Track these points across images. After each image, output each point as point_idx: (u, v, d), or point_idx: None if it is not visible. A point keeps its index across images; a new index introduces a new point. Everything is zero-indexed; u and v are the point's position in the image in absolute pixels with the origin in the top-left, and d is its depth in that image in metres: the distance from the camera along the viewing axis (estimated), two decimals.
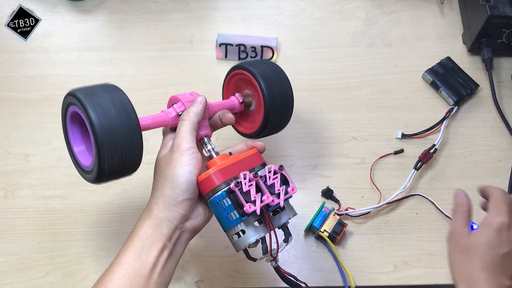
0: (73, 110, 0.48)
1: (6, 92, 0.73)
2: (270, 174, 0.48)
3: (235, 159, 0.49)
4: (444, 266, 0.64)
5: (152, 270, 0.45)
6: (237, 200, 0.46)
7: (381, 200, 0.67)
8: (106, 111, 0.45)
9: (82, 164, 0.50)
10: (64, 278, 0.63)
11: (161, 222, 0.47)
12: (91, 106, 0.45)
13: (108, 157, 0.45)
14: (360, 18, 0.80)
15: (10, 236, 0.65)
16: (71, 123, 0.51)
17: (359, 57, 0.77)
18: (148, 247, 0.46)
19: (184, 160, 0.47)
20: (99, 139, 0.45)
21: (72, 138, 0.52)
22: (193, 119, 0.50)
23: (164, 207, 0.47)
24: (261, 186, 0.47)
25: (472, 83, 0.74)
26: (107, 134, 0.45)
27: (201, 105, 0.52)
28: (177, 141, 0.49)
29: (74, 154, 0.51)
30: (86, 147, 0.51)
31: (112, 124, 0.45)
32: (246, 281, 0.63)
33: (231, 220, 0.47)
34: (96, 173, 0.47)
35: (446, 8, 0.81)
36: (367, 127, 0.72)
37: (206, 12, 0.80)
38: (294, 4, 0.81)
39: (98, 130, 0.44)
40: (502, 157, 0.71)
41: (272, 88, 0.56)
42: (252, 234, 0.47)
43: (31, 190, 0.67)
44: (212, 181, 0.47)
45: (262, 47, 0.75)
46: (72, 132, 0.51)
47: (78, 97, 0.46)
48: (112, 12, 0.79)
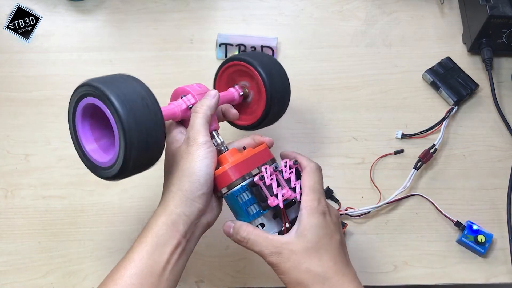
0: (88, 103, 0.45)
1: (6, 92, 0.73)
2: (286, 168, 0.49)
3: (248, 154, 0.49)
4: (444, 266, 0.64)
5: (164, 267, 0.45)
6: (260, 194, 0.47)
7: (381, 200, 0.67)
8: (130, 101, 0.43)
9: (96, 161, 0.47)
10: (64, 278, 0.63)
11: (177, 218, 0.46)
12: (116, 96, 0.42)
13: (134, 151, 0.43)
14: (360, 18, 0.80)
15: (10, 236, 0.65)
16: (82, 118, 0.47)
17: (359, 57, 0.77)
18: (162, 244, 0.45)
19: (202, 153, 0.47)
20: (127, 132, 0.42)
21: (82, 135, 0.48)
22: (207, 112, 0.49)
23: (182, 201, 0.46)
24: (280, 181, 0.48)
25: (472, 83, 0.74)
26: (135, 126, 0.42)
27: (214, 99, 0.51)
28: (192, 135, 0.48)
29: (86, 153, 0.48)
30: (100, 143, 0.48)
31: (138, 115, 0.43)
32: (246, 281, 0.63)
33: (251, 213, 0.48)
34: (119, 167, 0.44)
35: (446, 8, 0.81)
36: (367, 127, 0.72)
37: (206, 12, 0.80)
38: (294, 4, 0.81)
39: (125, 122, 0.42)
40: (502, 157, 0.71)
41: (272, 77, 0.56)
42: (270, 227, 0.48)
43: (31, 190, 0.67)
44: (228, 176, 0.47)
45: (262, 47, 0.75)
46: (83, 128, 0.48)
47: (98, 87, 0.43)
48: (112, 12, 0.79)
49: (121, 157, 0.43)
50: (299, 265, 0.45)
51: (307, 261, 0.45)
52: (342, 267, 0.46)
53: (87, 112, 0.47)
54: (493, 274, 0.64)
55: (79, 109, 0.46)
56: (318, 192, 0.48)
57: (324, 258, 0.45)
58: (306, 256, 0.45)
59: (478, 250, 0.63)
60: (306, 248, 0.45)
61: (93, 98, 0.44)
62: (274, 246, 0.46)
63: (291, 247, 0.45)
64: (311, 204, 0.47)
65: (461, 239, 0.64)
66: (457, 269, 0.64)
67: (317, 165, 0.50)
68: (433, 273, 0.64)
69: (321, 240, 0.46)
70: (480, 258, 0.65)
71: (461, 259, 0.65)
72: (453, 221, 0.65)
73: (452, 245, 0.65)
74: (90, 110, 0.47)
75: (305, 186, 0.48)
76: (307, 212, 0.46)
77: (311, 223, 0.46)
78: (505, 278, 0.64)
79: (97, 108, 0.44)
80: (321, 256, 0.45)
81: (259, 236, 0.46)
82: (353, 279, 0.46)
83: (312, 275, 0.45)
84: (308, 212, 0.46)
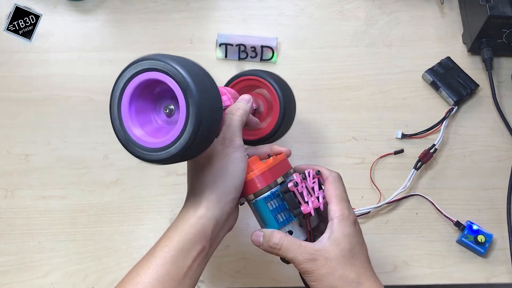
0: (145, 79, 0.42)
1: (6, 92, 0.73)
2: (310, 178, 0.49)
3: (273, 162, 0.49)
4: (444, 266, 0.64)
5: (186, 273, 0.44)
6: (293, 200, 0.47)
7: (381, 200, 0.67)
8: (198, 76, 0.41)
9: (146, 143, 0.43)
10: (64, 278, 0.63)
11: (208, 222, 0.45)
12: (186, 71, 0.40)
13: (203, 128, 0.41)
14: (360, 18, 0.80)
15: (10, 236, 0.65)
16: (131, 98, 0.43)
17: (359, 57, 0.77)
18: (187, 249, 0.44)
19: (238, 156, 0.46)
20: (198, 109, 0.40)
21: (131, 118, 0.43)
22: (243, 116, 0.49)
23: (215, 204, 0.45)
24: (309, 189, 0.49)
25: (472, 83, 0.74)
26: (205, 102, 0.40)
27: (249, 104, 0.51)
28: (229, 135, 0.47)
29: (132, 136, 0.43)
30: (152, 127, 0.45)
31: (206, 91, 0.41)
32: (246, 281, 0.63)
33: (280, 220, 0.48)
34: (183, 143, 0.41)
35: (446, 8, 0.81)
36: (367, 127, 0.72)
37: (206, 12, 0.80)
38: (294, 4, 0.81)
39: (197, 98, 0.40)
40: (502, 157, 0.71)
41: (286, 95, 0.58)
42: (298, 235, 0.49)
43: (31, 190, 0.67)
44: (255, 183, 0.47)
45: (262, 47, 0.75)
46: (130, 109, 0.44)
47: (165, 60, 0.40)
48: (112, 12, 0.79)
49: (186, 135, 0.41)
50: (334, 271, 0.45)
51: (341, 268, 0.45)
52: (372, 273, 0.47)
53: (137, 92, 0.44)
54: (493, 274, 0.64)
55: (131, 87, 0.43)
56: (346, 201, 0.49)
57: (357, 264, 0.46)
58: (341, 263, 0.45)
59: (478, 250, 0.63)
60: (341, 255, 0.46)
61: (156, 73, 0.41)
62: (309, 253, 0.46)
63: (326, 254, 0.46)
64: (342, 213, 0.47)
65: (461, 239, 0.64)
66: (457, 269, 0.64)
67: (338, 174, 0.51)
68: (433, 273, 0.64)
69: (353, 248, 0.46)
70: (480, 258, 0.65)
71: (461, 259, 0.65)
72: (453, 221, 0.65)
73: (452, 245, 0.65)
74: (143, 90, 0.44)
75: (332, 195, 0.49)
76: (339, 221, 0.47)
77: (344, 232, 0.46)
78: (505, 278, 0.64)
79: (147, 88, 0.42)
80: (354, 263, 0.46)
81: (293, 243, 0.46)
82: (381, 286, 0.47)
83: (347, 281, 0.45)
84: (340, 221, 0.47)
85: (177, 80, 0.40)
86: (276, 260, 0.63)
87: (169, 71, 0.41)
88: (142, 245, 0.65)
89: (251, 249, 0.64)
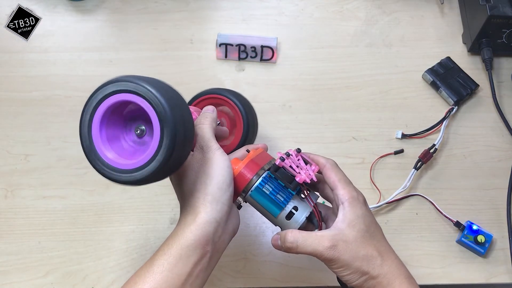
0: (115, 103, 0.42)
1: (6, 92, 0.73)
2: (293, 156, 0.50)
3: (254, 154, 0.51)
4: (444, 266, 0.64)
5: (185, 280, 0.43)
6: (286, 174, 0.48)
7: (380, 200, 0.67)
8: (170, 97, 0.41)
9: (119, 164, 0.43)
10: (64, 278, 0.63)
11: (208, 226, 0.44)
12: (158, 91, 0.40)
13: (178, 149, 0.41)
14: (360, 18, 0.80)
15: (10, 236, 0.65)
16: (101, 122, 0.43)
17: (359, 57, 0.77)
18: (186, 256, 0.43)
19: (220, 156, 0.47)
20: (173, 130, 0.40)
21: (102, 140, 0.43)
22: (212, 123, 0.50)
23: (212, 206, 0.44)
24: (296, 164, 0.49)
25: (472, 83, 0.74)
26: (180, 122, 0.40)
27: (214, 113, 0.52)
28: (205, 143, 0.47)
29: (104, 159, 0.43)
30: (115, 147, 0.45)
31: (180, 111, 0.41)
32: (246, 281, 0.63)
33: (281, 201, 0.48)
34: (156, 165, 0.41)
35: (446, 8, 0.81)
36: (367, 127, 0.72)
37: (206, 12, 0.80)
38: (294, 4, 0.81)
39: (171, 118, 0.40)
40: (502, 157, 0.71)
41: (248, 112, 0.61)
42: (304, 208, 0.49)
43: (31, 190, 0.67)
44: (244, 176, 0.49)
45: (262, 47, 0.75)
46: (101, 131, 0.43)
47: (137, 82, 0.40)
48: (112, 12, 0.79)
49: (160, 157, 0.41)
50: (357, 253, 0.45)
51: (363, 249, 0.46)
52: (392, 250, 0.48)
53: (107, 114, 0.43)
54: (493, 274, 0.64)
55: (101, 110, 0.43)
56: (351, 183, 0.50)
57: (376, 243, 0.47)
58: (361, 244, 0.46)
59: (478, 250, 0.63)
60: (359, 236, 0.46)
61: (128, 95, 0.41)
62: (328, 240, 0.45)
63: (344, 238, 0.46)
64: (351, 195, 0.48)
65: (461, 239, 0.64)
66: (457, 269, 0.64)
67: (334, 161, 0.52)
68: (433, 273, 0.64)
69: (369, 228, 0.47)
70: (480, 258, 0.65)
71: (461, 259, 0.65)
72: (453, 221, 0.65)
73: (452, 245, 0.65)
74: (114, 112, 0.44)
75: (336, 180, 0.49)
76: (349, 203, 0.47)
77: (357, 213, 0.47)
78: (505, 278, 0.64)
79: (116, 110, 0.42)
80: (373, 242, 0.47)
81: (308, 237, 0.46)
82: (401, 262, 0.48)
83: (371, 261, 0.46)
84: (350, 203, 0.47)
85: (150, 102, 0.40)
86: (276, 260, 0.64)
87: (142, 93, 0.40)
88: (142, 245, 0.65)
89: (251, 249, 0.64)
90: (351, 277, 0.46)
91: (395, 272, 0.46)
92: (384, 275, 0.45)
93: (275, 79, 0.75)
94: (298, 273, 0.63)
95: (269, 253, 0.64)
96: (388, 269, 0.46)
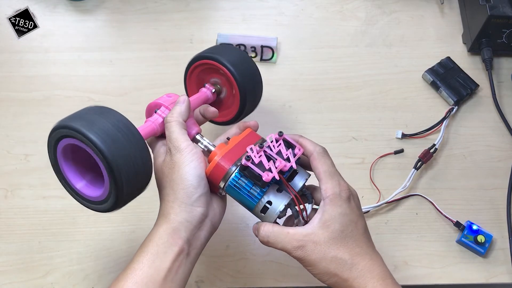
0: (66, 144, 0.45)
1: (6, 92, 0.73)
2: (273, 142, 0.49)
3: (234, 142, 0.50)
4: (444, 266, 0.64)
5: (166, 276, 0.44)
6: (253, 174, 0.46)
7: (380, 200, 0.67)
8: (107, 132, 0.43)
9: (89, 197, 0.48)
10: (64, 278, 0.63)
11: (179, 225, 0.45)
12: (91, 130, 0.42)
13: (125, 179, 0.43)
14: (360, 18, 0.80)
15: (10, 236, 0.65)
16: (64, 158, 0.47)
17: (359, 57, 0.77)
18: (163, 252, 0.44)
19: (187, 158, 0.47)
20: (112, 164, 0.42)
21: (69, 175, 0.48)
22: (178, 119, 0.49)
23: (181, 209, 0.46)
24: (270, 154, 0.48)
25: (472, 83, 0.74)
26: (118, 156, 0.43)
27: (184, 105, 0.51)
28: (172, 144, 0.48)
29: (77, 191, 0.48)
30: (88, 179, 0.49)
31: (119, 144, 0.43)
32: (246, 281, 0.63)
33: (254, 196, 0.47)
34: (113, 200, 0.45)
35: (446, 8, 0.81)
36: (367, 127, 0.72)
37: (206, 12, 0.80)
38: (294, 4, 0.81)
39: (108, 154, 0.42)
40: (502, 157, 0.71)
41: (240, 69, 0.56)
42: (279, 201, 0.48)
43: (31, 190, 0.67)
44: (221, 168, 0.47)
45: (262, 47, 0.75)
46: (68, 168, 0.48)
47: (72, 126, 0.43)
48: (112, 12, 0.79)
49: (112, 191, 0.44)
50: (325, 255, 0.44)
51: (333, 250, 0.44)
52: (369, 251, 0.46)
53: (69, 151, 0.47)
54: (493, 274, 0.64)
55: (59, 150, 0.46)
56: (336, 175, 0.47)
57: (350, 244, 0.45)
58: (332, 246, 0.44)
59: (478, 250, 0.63)
60: (331, 237, 0.44)
61: (71, 139, 0.44)
62: (297, 240, 0.45)
63: (315, 238, 0.45)
64: (333, 191, 0.46)
65: (461, 239, 0.64)
66: (457, 269, 0.64)
67: (323, 148, 0.50)
68: (433, 273, 0.64)
69: (346, 229, 0.45)
70: (480, 258, 0.65)
71: (461, 259, 0.65)
72: (452, 221, 0.65)
73: (452, 245, 0.65)
74: (71, 149, 0.46)
75: (320, 172, 0.47)
76: (330, 201, 0.45)
77: (335, 212, 0.45)
78: (505, 278, 0.64)
79: (77, 146, 0.44)
80: (347, 243, 0.45)
81: (279, 233, 0.46)
82: (380, 263, 0.46)
83: (340, 263, 0.44)
84: (331, 200, 0.45)
85: (89, 146, 0.42)
86: (276, 260, 0.64)
87: (79, 138, 0.43)
88: None
89: (251, 249, 0.64)
90: (320, 277, 0.46)
91: (366, 276, 0.44)
92: (354, 278, 0.44)
93: (275, 79, 0.75)
94: (298, 273, 0.63)
95: (269, 253, 0.64)
96: (359, 273, 0.44)
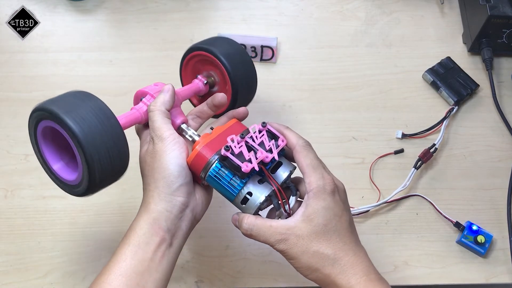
0: (45, 126, 0.46)
1: (6, 92, 0.73)
2: (256, 133, 0.48)
3: (217, 132, 0.49)
4: (444, 266, 0.64)
5: (149, 266, 0.44)
6: (232, 164, 0.45)
7: (380, 199, 0.67)
8: (84, 117, 0.43)
9: (65, 180, 0.48)
10: (64, 278, 0.63)
11: (159, 215, 0.46)
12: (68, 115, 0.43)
13: (98, 166, 0.44)
14: (360, 18, 0.80)
15: (10, 236, 0.65)
16: (44, 139, 0.48)
17: (359, 57, 0.77)
18: (144, 242, 0.45)
19: (168, 147, 0.47)
20: (86, 149, 0.43)
21: (48, 156, 0.49)
22: (161, 108, 0.50)
23: (161, 199, 0.46)
24: (252, 144, 0.47)
25: (472, 83, 0.74)
26: (93, 142, 0.43)
27: (168, 94, 0.51)
28: (154, 133, 0.48)
29: (54, 172, 0.49)
30: (66, 161, 0.49)
31: (95, 130, 0.43)
32: (246, 281, 0.63)
33: (234, 187, 0.47)
34: (86, 185, 0.45)
35: (446, 8, 0.81)
36: (367, 127, 0.72)
37: (206, 12, 0.80)
38: (294, 4, 0.81)
39: (82, 139, 0.42)
40: (502, 157, 0.71)
41: (233, 61, 0.56)
42: (259, 192, 0.47)
43: (31, 190, 0.67)
44: (202, 157, 0.47)
45: (262, 47, 0.75)
46: (47, 149, 0.48)
47: (51, 110, 0.43)
48: (112, 12, 0.79)
49: (85, 176, 0.44)
50: (307, 249, 0.44)
51: (315, 245, 0.44)
52: (352, 246, 0.45)
53: (48, 133, 0.47)
54: (493, 274, 0.64)
55: (39, 131, 0.47)
56: (320, 168, 0.47)
57: (333, 239, 0.44)
58: (314, 240, 0.44)
59: (478, 251, 0.63)
60: (314, 231, 0.44)
61: (49, 121, 0.44)
62: (279, 233, 0.45)
63: (297, 232, 0.44)
64: (317, 185, 0.45)
65: (461, 240, 0.64)
66: (457, 269, 0.64)
67: (306, 141, 0.49)
68: (433, 273, 0.64)
69: (329, 223, 0.44)
70: (480, 258, 0.65)
71: (461, 259, 0.65)
72: (452, 222, 0.65)
73: (452, 245, 0.65)
74: (51, 131, 0.47)
75: (304, 166, 0.46)
76: (314, 194, 0.45)
77: (318, 206, 0.44)
78: (505, 278, 0.64)
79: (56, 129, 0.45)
80: (330, 238, 0.44)
81: (262, 226, 0.46)
82: (364, 258, 0.45)
83: (322, 258, 0.44)
84: (315, 193, 0.45)
85: (64, 129, 0.43)
86: (276, 260, 0.64)
87: (55, 120, 0.43)
88: None
89: (251, 249, 0.64)
90: (303, 271, 0.45)
91: (349, 272, 0.44)
92: (336, 274, 0.44)
93: (275, 79, 0.75)
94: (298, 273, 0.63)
95: (269, 253, 0.64)
96: (341, 268, 0.44)
